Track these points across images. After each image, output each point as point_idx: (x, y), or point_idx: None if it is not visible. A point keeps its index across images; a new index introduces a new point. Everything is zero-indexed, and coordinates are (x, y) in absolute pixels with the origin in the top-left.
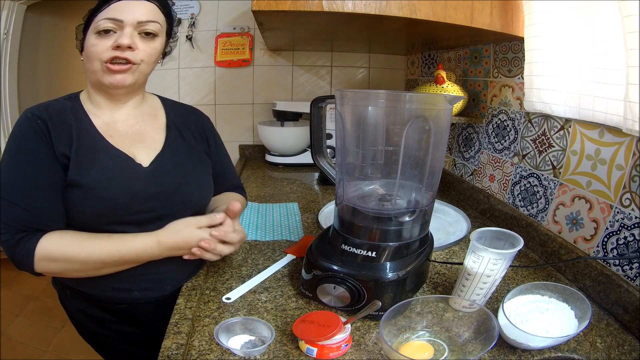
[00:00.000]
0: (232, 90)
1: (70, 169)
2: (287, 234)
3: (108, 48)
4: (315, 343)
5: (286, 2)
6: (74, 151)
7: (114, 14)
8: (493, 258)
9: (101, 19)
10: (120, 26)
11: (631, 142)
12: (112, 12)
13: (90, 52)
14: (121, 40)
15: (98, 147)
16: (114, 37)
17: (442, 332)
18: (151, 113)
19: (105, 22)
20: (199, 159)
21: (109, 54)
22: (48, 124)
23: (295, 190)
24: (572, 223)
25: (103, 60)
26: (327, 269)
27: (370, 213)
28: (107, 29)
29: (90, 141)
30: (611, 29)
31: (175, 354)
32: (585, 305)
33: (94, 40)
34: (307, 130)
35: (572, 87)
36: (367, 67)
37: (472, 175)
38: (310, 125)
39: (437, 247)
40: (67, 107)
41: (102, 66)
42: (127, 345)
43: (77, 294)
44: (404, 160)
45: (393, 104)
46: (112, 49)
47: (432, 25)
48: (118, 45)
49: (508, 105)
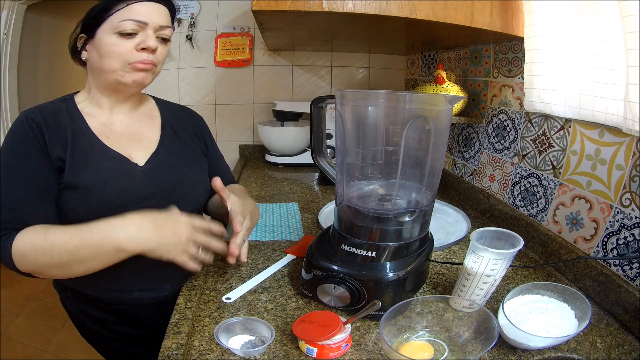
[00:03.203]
0: (232, 90)
1: (66, 171)
2: (287, 234)
3: (131, 49)
4: (315, 343)
5: (286, 2)
6: (69, 153)
7: (138, 17)
8: (493, 258)
9: (123, 20)
10: (143, 29)
11: (631, 142)
12: (134, 14)
13: (111, 52)
14: (149, 42)
15: (93, 148)
16: (137, 39)
17: (442, 332)
18: (147, 114)
19: (129, 24)
20: (195, 159)
21: (136, 56)
22: (42, 127)
23: (295, 190)
24: (572, 223)
25: (129, 61)
26: (327, 269)
27: (370, 213)
28: (131, 31)
29: (86, 143)
30: (611, 29)
31: (175, 354)
32: (585, 305)
33: (116, 40)
34: (307, 130)
35: (572, 87)
36: (367, 67)
37: (472, 175)
38: (310, 125)
39: (437, 247)
40: (63, 108)
41: (125, 66)
42: (128, 345)
43: (78, 295)
44: (404, 160)
45: (393, 104)
46: (136, 50)
47: (432, 25)
48: (144, 47)
49: (508, 105)
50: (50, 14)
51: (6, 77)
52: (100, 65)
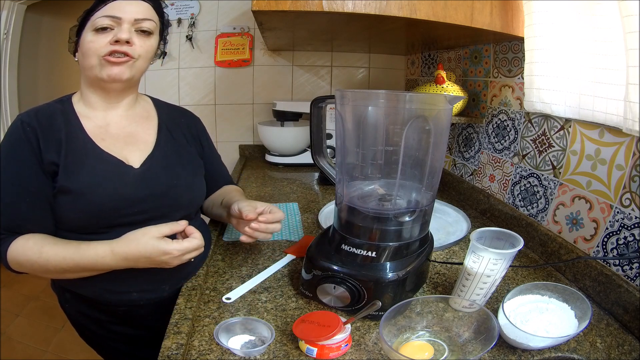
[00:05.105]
0: (232, 90)
1: (60, 175)
2: (287, 234)
3: (106, 44)
4: (315, 343)
5: (286, 2)
6: (63, 157)
7: (112, 12)
8: (493, 258)
9: (99, 17)
10: (118, 23)
11: (631, 142)
12: (110, 10)
13: (88, 49)
14: (120, 34)
15: (87, 152)
16: (112, 34)
17: (442, 332)
18: (144, 115)
19: (103, 20)
20: (190, 160)
21: (108, 49)
22: (37, 131)
23: (295, 190)
24: (572, 223)
25: (101, 54)
26: (327, 269)
27: (370, 213)
28: (105, 26)
29: (80, 146)
30: (611, 29)
31: (175, 354)
32: (585, 305)
33: (92, 37)
34: (307, 130)
35: (572, 87)
36: (367, 67)
37: (472, 175)
38: (310, 125)
39: (437, 247)
40: (58, 110)
41: (100, 60)
42: (128, 346)
43: (76, 296)
44: (404, 160)
45: (393, 104)
46: (110, 44)
47: (432, 25)
48: (117, 40)
49: (508, 105)
50: (50, 14)
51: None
52: (82, 63)
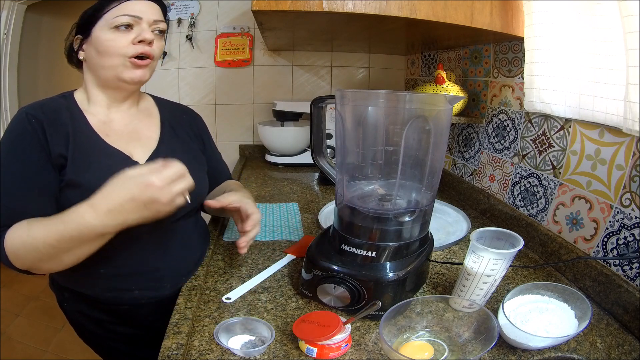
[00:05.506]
0: (232, 90)
1: (67, 169)
2: (287, 234)
3: (129, 43)
4: (315, 343)
5: (286, 2)
6: (71, 151)
7: (132, 12)
8: (493, 258)
9: (118, 15)
10: (138, 22)
11: (631, 142)
12: (128, 9)
13: (108, 47)
14: (145, 35)
15: (94, 146)
16: (133, 33)
17: (442, 332)
18: (146, 112)
19: (123, 18)
20: (194, 156)
21: (134, 49)
22: (44, 124)
23: (295, 190)
24: (572, 223)
25: (127, 55)
26: (327, 269)
27: (370, 213)
28: (128, 24)
29: (87, 140)
30: (611, 29)
31: (175, 354)
32: (585, 305)
33: (111, 35)
34: (307, 130)
35: (572, 87)
36: (367, 67)
37: (472, 175)
38: (310, 125)
39: (437, 247)
40: (63, 105)
41: (125, 61)
42: (127, 346)
43: (76, 295)
44: (404, 160)
45: (393, 104)
46: (133, 44)
47: (432, 25)
48: (141, 40)
49: (508, 105)
50: (50, 14)
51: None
52: (100, 62)
